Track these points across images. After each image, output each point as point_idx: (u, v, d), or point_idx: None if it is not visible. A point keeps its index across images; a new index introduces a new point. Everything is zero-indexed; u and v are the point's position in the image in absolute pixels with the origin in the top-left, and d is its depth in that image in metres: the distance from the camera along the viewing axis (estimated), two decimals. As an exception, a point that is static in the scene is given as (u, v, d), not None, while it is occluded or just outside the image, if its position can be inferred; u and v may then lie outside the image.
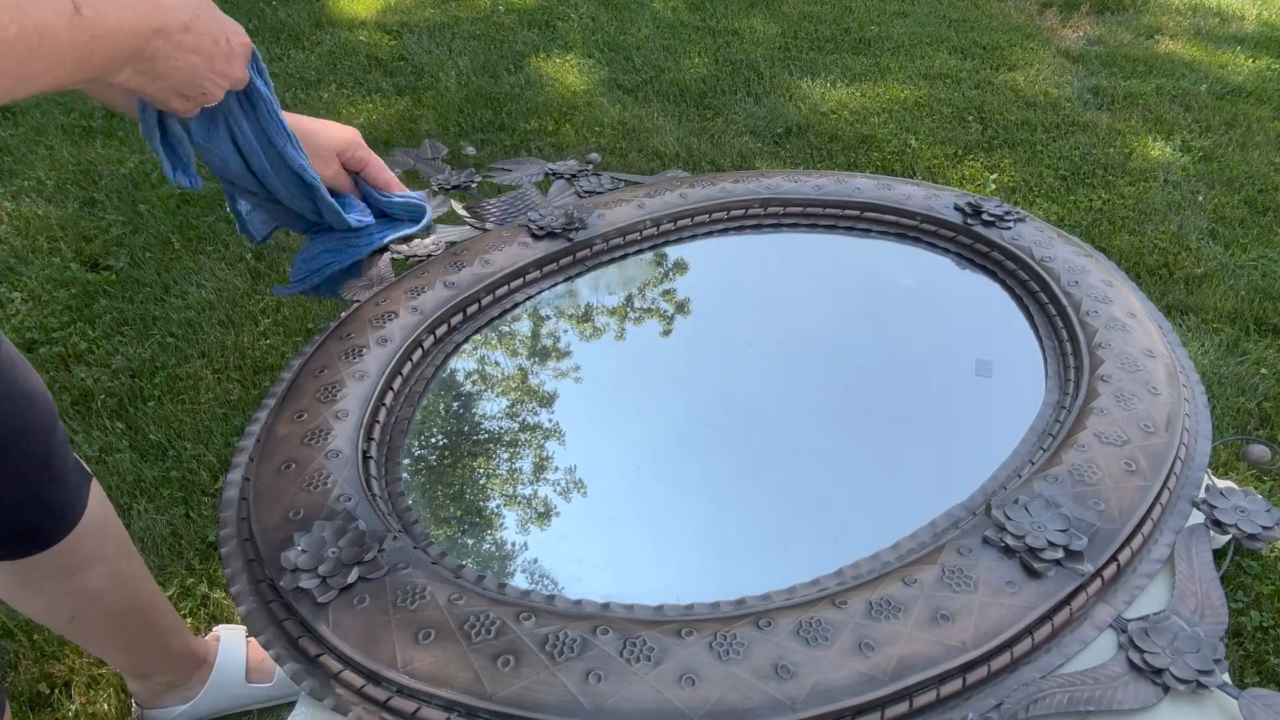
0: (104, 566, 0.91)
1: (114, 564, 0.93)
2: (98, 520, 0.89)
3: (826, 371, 0.75)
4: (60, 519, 0.85)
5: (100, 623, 0.95)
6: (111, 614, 0.95)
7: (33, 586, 0.89)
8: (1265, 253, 1.94)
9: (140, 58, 0.54)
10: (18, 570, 0.86)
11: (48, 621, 0.94)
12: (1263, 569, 1.28)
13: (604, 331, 0.78)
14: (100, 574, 0.91)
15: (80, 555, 0.88)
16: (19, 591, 0.90)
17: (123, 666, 1.07)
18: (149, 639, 1.02)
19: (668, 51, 2.81)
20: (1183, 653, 0.49)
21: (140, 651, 1.03)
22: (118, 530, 0.94)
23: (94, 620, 0.95)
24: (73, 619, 0.93)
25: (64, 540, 0.85)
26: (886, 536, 0.57)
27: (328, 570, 0.51)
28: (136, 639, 1.01)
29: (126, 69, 0.54)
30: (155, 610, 1.01)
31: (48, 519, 0.84)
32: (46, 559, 0.85)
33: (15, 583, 0.88)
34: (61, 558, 0.86)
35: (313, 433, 0.61)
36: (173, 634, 1.05)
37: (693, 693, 0.45)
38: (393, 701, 0.47)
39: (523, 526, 0.61)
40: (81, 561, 0.88)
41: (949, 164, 2.26)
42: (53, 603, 0.91)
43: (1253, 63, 2.79)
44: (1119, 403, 0.62)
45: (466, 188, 0.96)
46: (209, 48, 0.58)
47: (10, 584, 0.89)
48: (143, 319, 1.71)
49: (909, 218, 0.86)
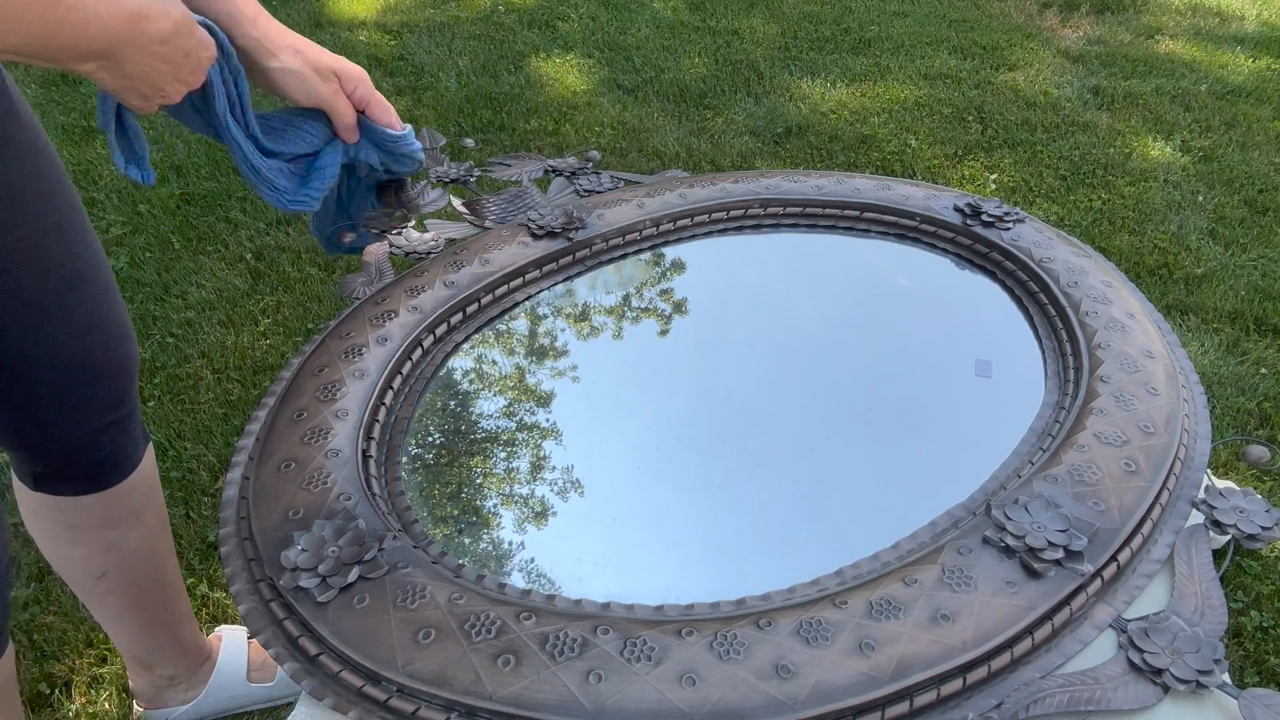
0: (141, 530, 0.95)
1: (150, 531, 0.96)
2: (147, 481, 0.93)
3: (826, 371, 0.75)
4: (116, 466, 0.89)
5: (125, 589, 0.98)
6: (137, 582, 0.98)
7: (74, 532, 0.92)
8: (1265, 253, 1.94)
9: (109, 57, 0.56)
10: (64, 511, 0.89)
11: (77, 576, 0.96)
12: (1263, 569, 1.28)
13: (604, 331, 0.78)
14: (136, 536, 0.94)
15: (124, 508, 0.91)
16: (59, 535, 0.93)
17: (130, 651, 1.07)
18: (164, 621, 1.04)
19: (668, 51, 2.81)
20: (1182, 653, 0.49)
21: (153, 633, 1.04)
22: (160, 501, 0.98)
23: (121, 585, 0.97)
24: (103, 576, 0.95)
25: (115, 488, 0.89)
26: (886, 536, 0.57)
27: (328, 569, 0.51)
28: (153, 618, 1.03)
29: (92, 63, 0.55)
30: (175, 593, 1.04)
31: (105, 463, 0.88)
32: (95, 503, 0.89)
33: (60, 526, 0.91)
34: (106, 507, 0.90)
35: (312, 432, 0.61)
36: (184, 623, 1.07)
37: (693, 692, 0.45)
38: (392, 701, 0.47)
39: (523, 526, 0.61)
40: (124, 515, 0.92)
41: (949, 164, 2.26)
42: (88, 554, 0.94)
43: (1253, 63, 2.79)
44: (1118, 403, 0.62)
45: (465, 182, 0.96)
46: (178, 59, 0.60)
47: (55, 528, 0.92)
48: (143, 319, 1.71)
49: (908, 218, 0.86)
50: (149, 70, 0.59)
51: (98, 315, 0.80)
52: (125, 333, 0.84)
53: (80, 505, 0.88)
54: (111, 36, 0.55)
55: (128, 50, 0.56)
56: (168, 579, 1.01)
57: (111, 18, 0.54)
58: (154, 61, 0.58)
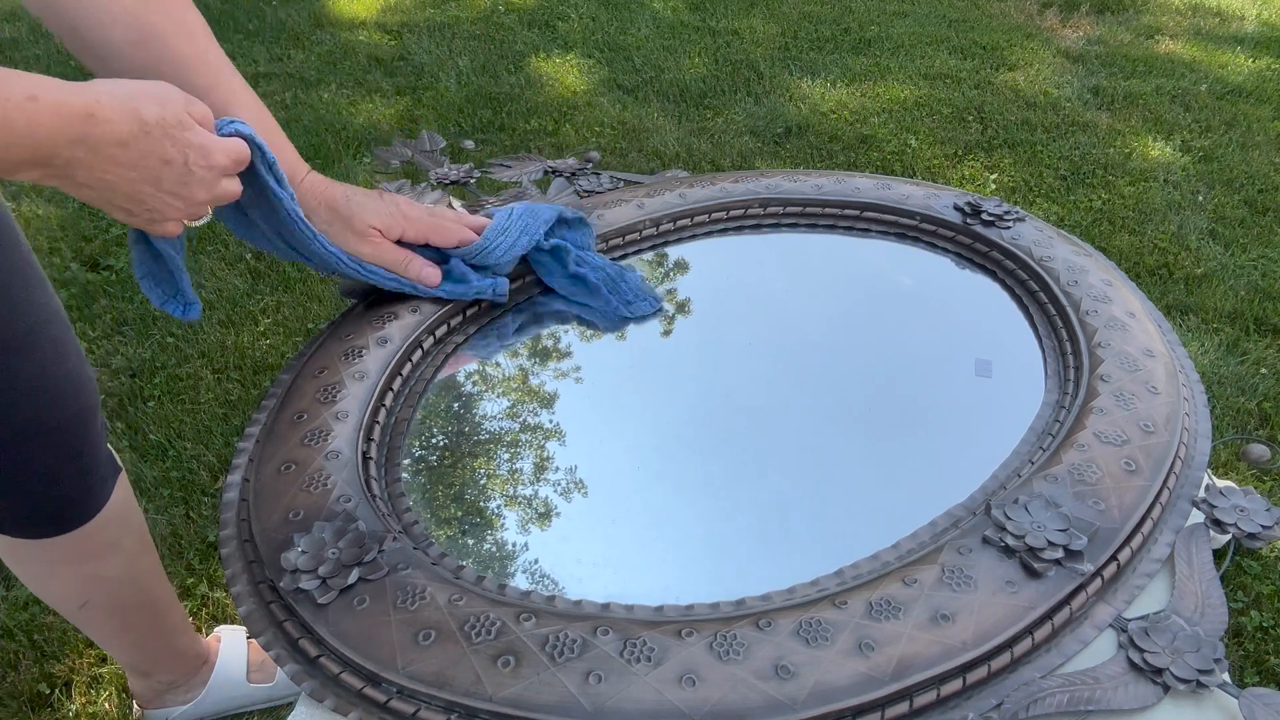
0: (120, 558, 0.92)
1: (130, 557, 0.93)
2: (119, 512, 0.90)
3: (826, 371, 0.75)
4: (82, 508, 0.86)
5: (110, 614, 0.96)
6: (122, 606, 0.96)
7: (49, 568, 0.89)
8: (1265, 253, 1.94)
9: (50, 164, 0.47)
10: (36, 550, 0.87)
11: (60, 605, 0.95)
12: (1262, 569, 1.28)
13: (603, 332, 0.78)
14: (115, 564, 0.92)
15: (97, 543, 0.88)
16: (35, 571, 0.91)
17: (126, 662, 1.07)
18: (155, 636, 1.03)
19: (668, 51, 2.81)
20: (1183, 652, 0.49)
21: (146, 648, 1.03)
22: (138, 525, 0.95)
23: (104, 610, 0.95)
24: (84, 605, 0.94)
25: (83, 527, 0.86)
26: (886, 536, 0.57)
27: (328, 571, 0.51)
28: (143, 635, 1.02)
29: (33, 170, 0.47)
30: (165, 608, 1.02)
31: (69, 507, 0.85)
32: (64, 542, 0.86)
33: (33, 562, 0.89)
34: (79, 543, 0.87)
35: (312, 433, 0.61)
36: (179, 633, 1.06)
37: (693, 693, 0.45)
38: (392, 703, 0.47)
39: (522, 527, 0.61)
40: (98, 549, 0.89)
41: (949, 164, 2.26)
42: (66, 587, 0.92)
43: (1253, 63, 2.79)
44: (1119, 402, 0.62)
45: (465, 184, 0.96)
46: (154, 167, 0.50)
47: (28, 563, 0.90)
48: (142, 319, 1.71)
49: (908, 217, 0.86)
50: (114, 179, 0.49)
51: (44, 377, 0.75)
52: (78, 388, 0.79)
53: (52, 545, 0.86)
54: (52, 138, 0.45)
55: (73, 153, 0.47)
56: (155, 597, 0.99)
57: (53, 114, 0.45)
58: (117, 168, 0.49)
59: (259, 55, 2.73)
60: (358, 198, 0.69)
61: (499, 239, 0.73)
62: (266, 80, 2.61)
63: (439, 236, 0.72)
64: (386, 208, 0.70)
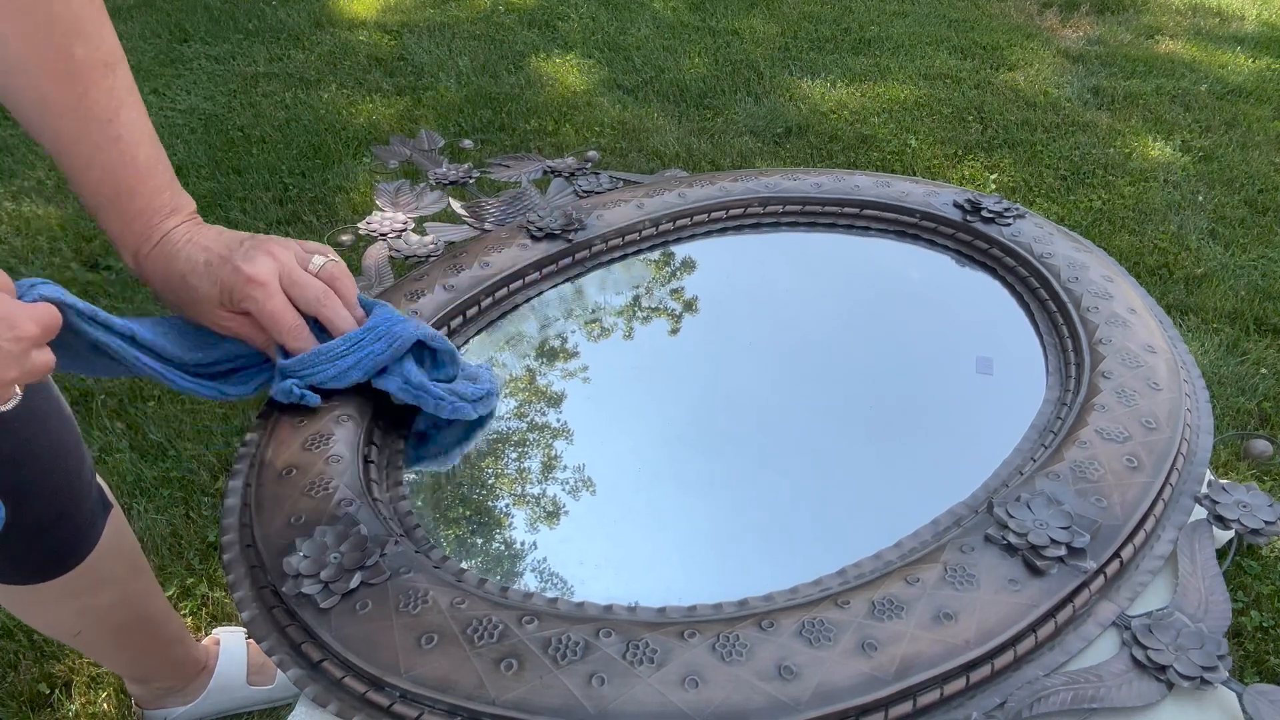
0: (113, 587, 0.91)
1: (123, 583, 0.92)
2: (110, 548, 0.88)
3: (827, 370, 0.75)
4: (71, 553, 0.84)
5: (105, 636, 0.96)
6: (117, 628, 0.95)
7: (41, 606, 0.88)
8: (1265, 253, 1.94)
9: None
10: (26, 593, 0.86)
11: (53, 634, 0.94)
12: (1263, 569, 1.28)
13: (604, 333, 0.77)
14: (108, 594, 0.91)
15: (88, 580, 0.87)
16: (28, 611, 0.90)
17: (124, 673, 1.07)
18: (152, 648, 1.02)
19: (668, 51, 2.81)
20: (1186, 649, 0.49)
21: (143, 660, 1.03)
22: (130, 550, 0.93)
23: (99, 634, 0.95)
24: (78, 634, 0.93)
25: (74, 569, 0.85)
26: (889, 535, 0.56)
27: (330, 575, 0.51)
28: (140, 649, 1.01)
29: None
30: (160, 622, 1.01)
31: (57, 554, 0.84)
32: (55, 584, 0.85)
33: (24, 603, 0.88)
34: (69, 584, 0.86)
35: (313, 438, 0.61)
36: (176, 644, 1.05)
37: (696, 695, 0.45)
38: (396, 707, 0.47)
39: (524, 529, 0.60)
40: (89, 586, 0.88)
41: (949, 164, 2.26)
42: (58, 619, 0.91)
43: (1253, 63, 2.79)
44: (1120, 399, 0.62)
45: (464, 184, 0.95)
46: None
47: (19, 603, 0.89)
48: (142, 321, 1.71)
49: (908, 215, 0.86)
50: None
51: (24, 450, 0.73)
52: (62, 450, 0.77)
53: (41, 588, 0.85)
54: None
55: None
56: (150, 614, 0.98)
57: None
58: None
59: (259, 55, 2.73)
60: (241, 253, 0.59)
61: (325, 366, 0.61)
62: (266, 80, 2.61)
63: (324, 312, 0.61)
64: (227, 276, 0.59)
